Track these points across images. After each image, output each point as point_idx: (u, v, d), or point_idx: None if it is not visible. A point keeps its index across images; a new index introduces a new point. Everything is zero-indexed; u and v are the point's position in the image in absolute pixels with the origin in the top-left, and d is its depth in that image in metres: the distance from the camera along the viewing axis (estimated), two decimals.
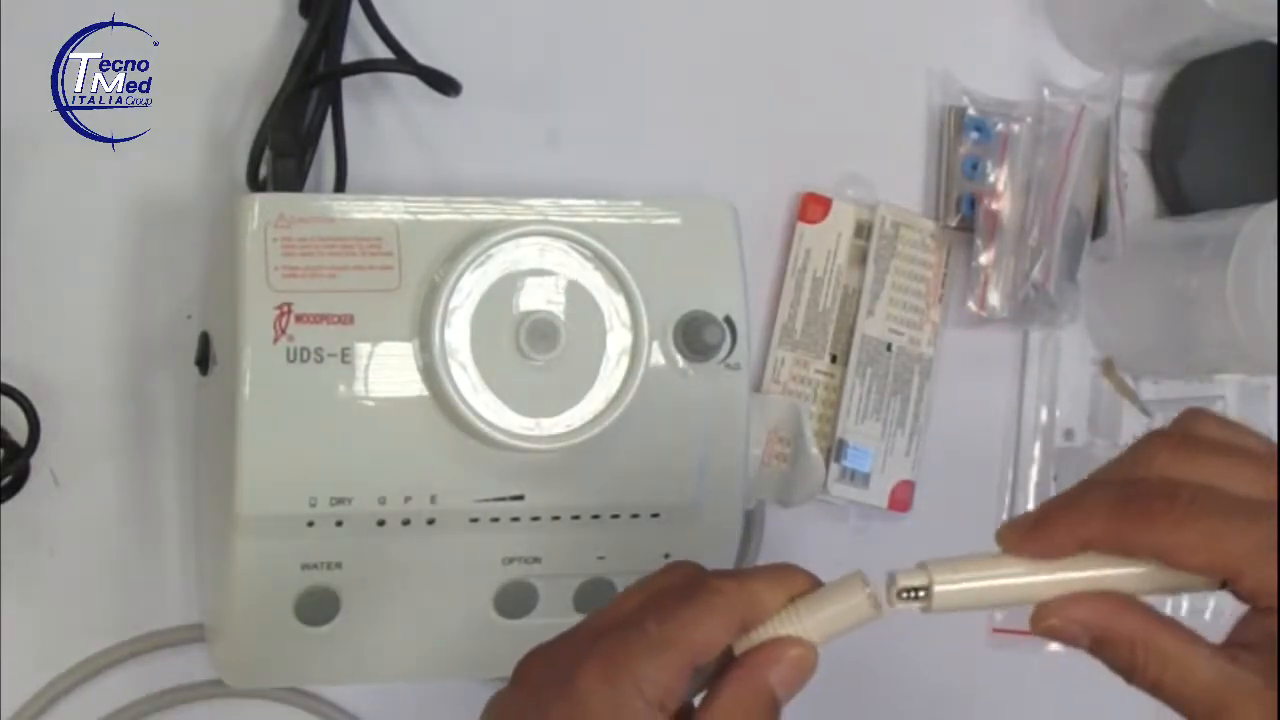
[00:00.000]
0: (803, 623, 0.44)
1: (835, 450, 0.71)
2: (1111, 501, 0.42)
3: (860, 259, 0.72)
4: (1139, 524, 0.42)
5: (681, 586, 0.46)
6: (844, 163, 0.72)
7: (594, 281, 0.57)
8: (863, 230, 0.72)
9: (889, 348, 0.72)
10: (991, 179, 0.73)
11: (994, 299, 0.73)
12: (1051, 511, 0.43)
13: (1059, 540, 0.43)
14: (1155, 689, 0.43)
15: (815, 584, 0.45)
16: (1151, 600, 0.43)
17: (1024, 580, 0.43)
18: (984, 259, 0.72)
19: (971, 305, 0.73)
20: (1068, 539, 0.42)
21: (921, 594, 0.43)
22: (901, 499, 0.73)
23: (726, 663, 0.45)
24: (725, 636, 0.44)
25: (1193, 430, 0.45)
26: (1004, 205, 0.73)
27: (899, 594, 0.43)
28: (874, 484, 0.72)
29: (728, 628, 0.44)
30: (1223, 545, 0.41)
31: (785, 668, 0.44)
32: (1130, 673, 0.43)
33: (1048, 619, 0.43)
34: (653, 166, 0.69)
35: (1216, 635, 0.42)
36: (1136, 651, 0.42)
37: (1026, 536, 0.43)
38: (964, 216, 0.73)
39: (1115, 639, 0.43)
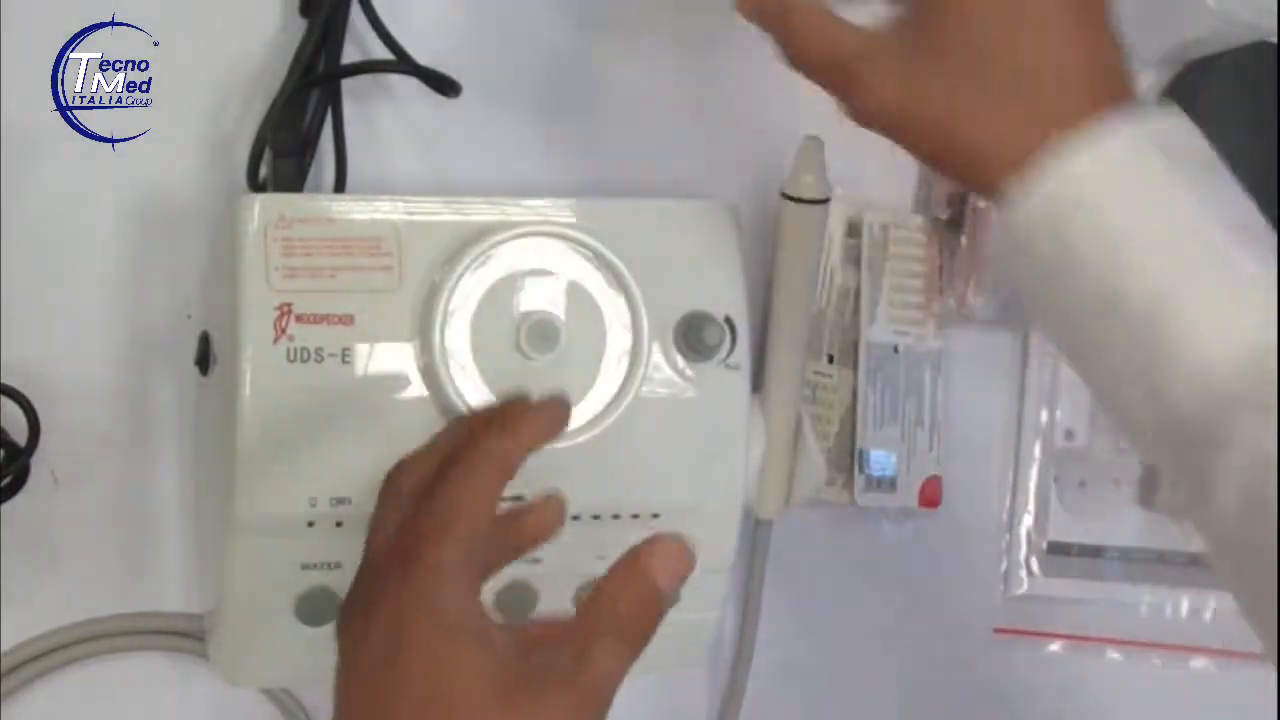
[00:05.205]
0: None
1: (858, 462, 0.71)
2: None
3: (854, 258, 0.72)
4: None
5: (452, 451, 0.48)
6: (839, 159, 0.72)
7: (594, 282, 0.57)
8: (854, 230, 0.72)
9: (896, 350, 0.72)
10: None
11: (973, 298, 0.72)
12: None
13: None
14: (803, 55, 0.51)
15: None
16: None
17: None
18: (967, 257, 0.72)
19: (952, 302, 0.73)
20: None
21: None
22: (931, 495, 0.72)
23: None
24: (497, 488, 0.47)
25: None
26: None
27: None
28: (901, 486, 0.72)
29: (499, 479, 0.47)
30: None
31: (663, 559, 0.46)
32: (788, 49, 0.52)
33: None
34: (652, 166, 0.69)
35: (1217, 636, 0.43)
36: (784, 26, 0.51)
37: None
38: (956, 210, 0.73)
39: (769, 23, 0.52)
